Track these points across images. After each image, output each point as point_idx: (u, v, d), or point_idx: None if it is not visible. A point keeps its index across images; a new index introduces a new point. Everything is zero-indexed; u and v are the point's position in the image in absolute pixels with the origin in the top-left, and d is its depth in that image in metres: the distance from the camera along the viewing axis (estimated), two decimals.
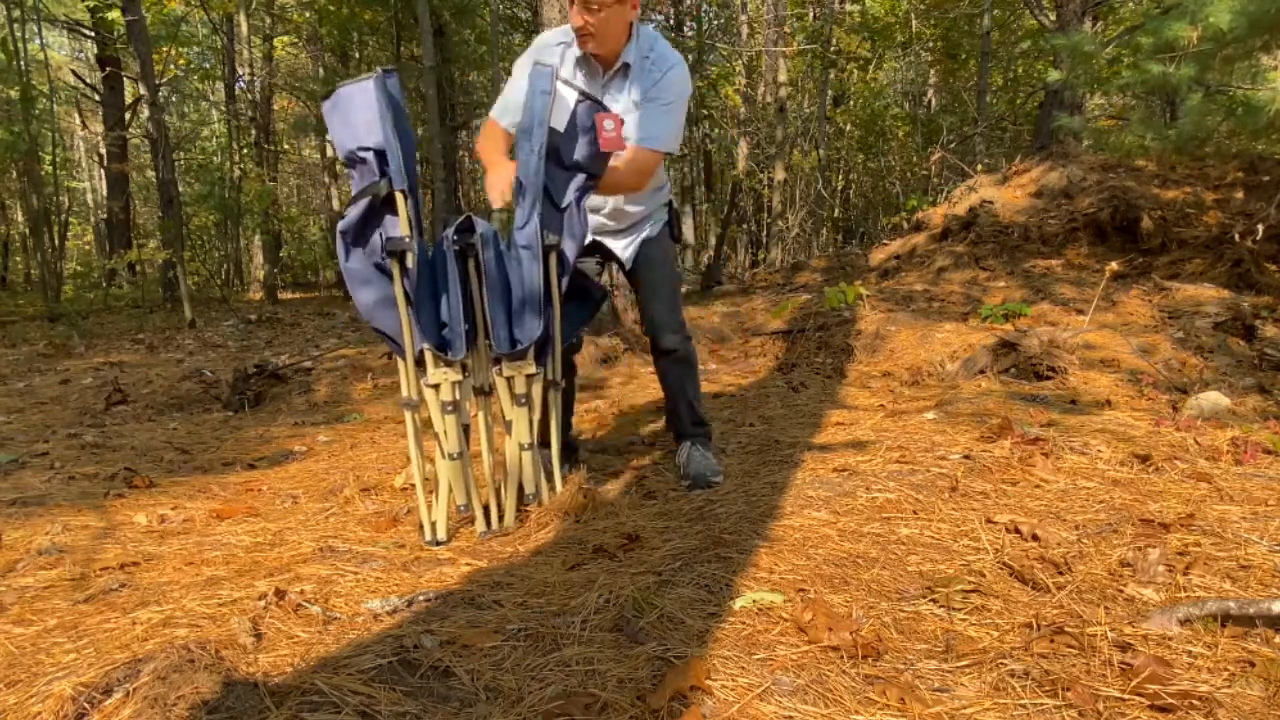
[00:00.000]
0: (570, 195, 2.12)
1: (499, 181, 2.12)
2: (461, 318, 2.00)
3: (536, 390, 2.12)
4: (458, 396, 2.00)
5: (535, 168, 2.02)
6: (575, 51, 2.21)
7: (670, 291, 2.44)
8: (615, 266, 2.47)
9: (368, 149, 1.88)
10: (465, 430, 2.05)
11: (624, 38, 2.17)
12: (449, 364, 1.98)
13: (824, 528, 1.93)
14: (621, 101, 2.23)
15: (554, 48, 2.23)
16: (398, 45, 13.72)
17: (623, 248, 2.40)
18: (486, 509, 2.07)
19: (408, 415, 2.03)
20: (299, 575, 1.77)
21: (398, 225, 1.91)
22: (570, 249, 2.14)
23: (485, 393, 2.11)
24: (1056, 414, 2.79)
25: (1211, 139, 4.44)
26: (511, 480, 2.10)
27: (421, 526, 2.01)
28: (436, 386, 1.99)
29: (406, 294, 1.92)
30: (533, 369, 2.09)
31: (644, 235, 2.41)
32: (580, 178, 2.12)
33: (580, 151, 2.07)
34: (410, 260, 1.90)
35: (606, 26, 2.11)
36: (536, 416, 2.11)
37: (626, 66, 2.21)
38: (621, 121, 2.06)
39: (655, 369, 2.52)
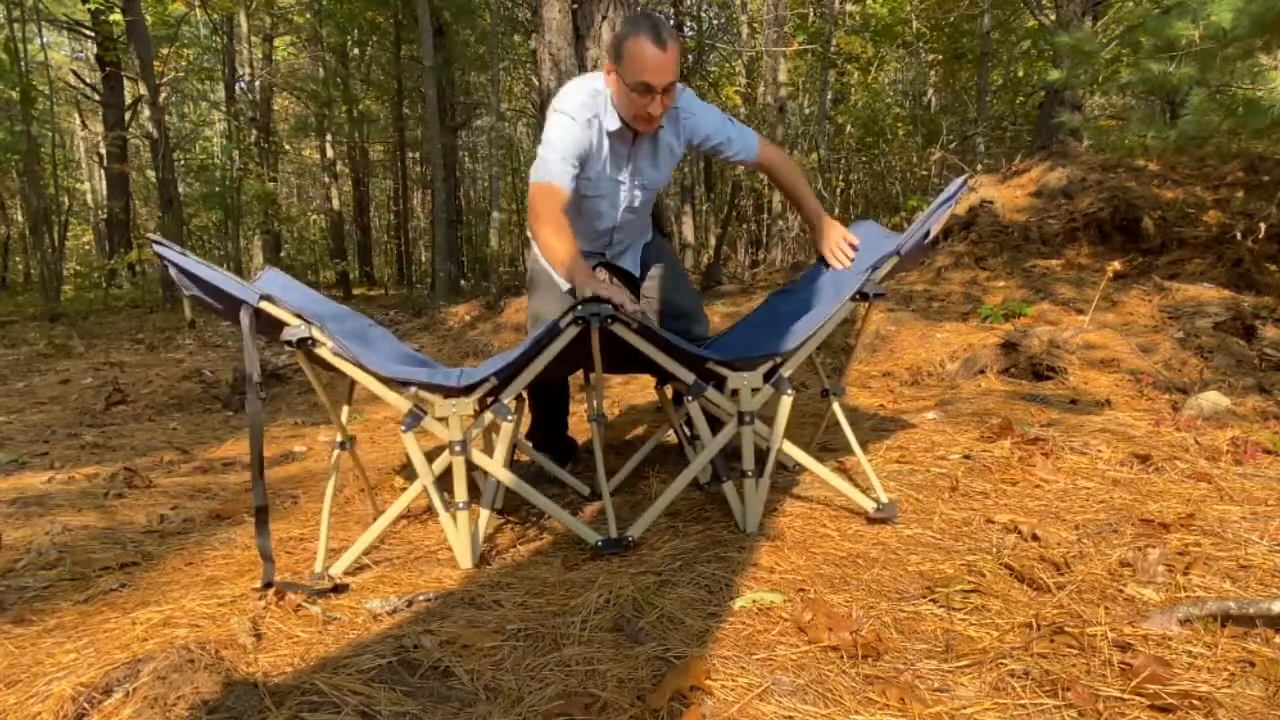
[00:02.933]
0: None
1: (586, 271, 1.93)
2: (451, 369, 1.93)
3: (784, 406, 1.92)
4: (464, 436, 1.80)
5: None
6: (607, 125, 2.12)
7: (687, 279, 2.51)
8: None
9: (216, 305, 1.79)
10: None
11: None
12: (462, 393, 1.80)
13: (824, 527, 1.93)
14: (662, 155, 2.24)
15: (588, 122, 2.11)
16: (398, 45, 13.72)
17: (630, 261, 2.46)
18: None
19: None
20: (299, 575, 1.77)
21: (286, 325, 1.72)
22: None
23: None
24: (1057, 414, 2.79)
25: (1212, 138, 4.43)
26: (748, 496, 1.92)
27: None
28: (444, 420, 1.79)
29: (355, 359, 1.76)
30: (759, 383, 1.92)
31: (644, 239, 2.48)
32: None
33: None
34: (324, 335, 1.73)
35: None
36: (780, 433, 1.94)
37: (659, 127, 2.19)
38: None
39: None
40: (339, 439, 1.98)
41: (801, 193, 2.34)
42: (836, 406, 2.11)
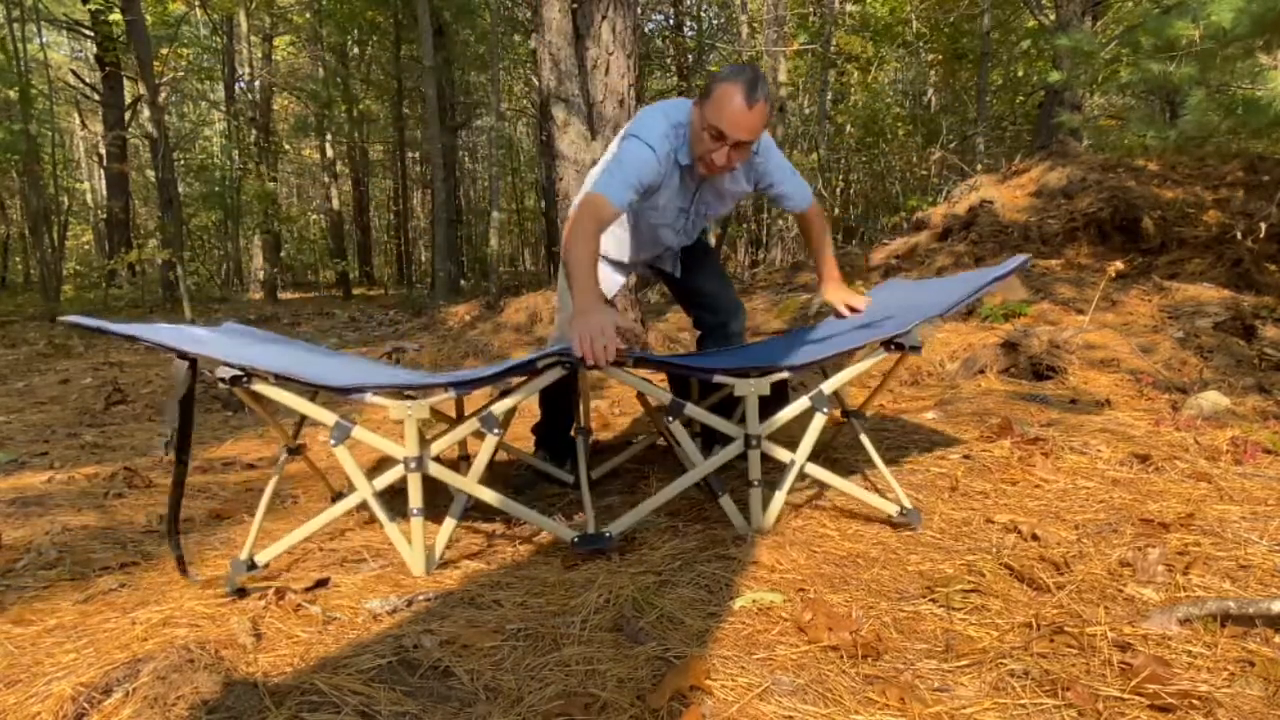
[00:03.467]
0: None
1: (590, 302, 1.83)
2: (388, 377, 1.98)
3: (816, 424, 1.92)
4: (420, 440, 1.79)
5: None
6: (681, 159, 2.10)
7: (727, 276, 2.55)
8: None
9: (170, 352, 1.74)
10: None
11: None
12: (416, 392, 1.80)
13: (824, 527, 1.93)
14: (729, 190, 2.26)
15: (667, 155, 2.07)
16: (397, 45, 13.73)
17: (671, 263, 2.47)
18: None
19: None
20: (299, 575, 1.77)
21: (218, 364, 1.73)
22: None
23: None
24: (1056, 414, 2.79)
25: (1212, 138, 4.43)
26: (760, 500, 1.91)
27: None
28: (399, 424, 1.78)
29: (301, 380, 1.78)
30: (766, 390, 1.90)
31: None
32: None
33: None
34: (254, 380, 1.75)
35: None
36: (806, 451, 1.91)
37: None
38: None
39: None
40: (285, 445, 2.07)
41: (825, 248, 2.44)
42: (864, 437, 2.09)
